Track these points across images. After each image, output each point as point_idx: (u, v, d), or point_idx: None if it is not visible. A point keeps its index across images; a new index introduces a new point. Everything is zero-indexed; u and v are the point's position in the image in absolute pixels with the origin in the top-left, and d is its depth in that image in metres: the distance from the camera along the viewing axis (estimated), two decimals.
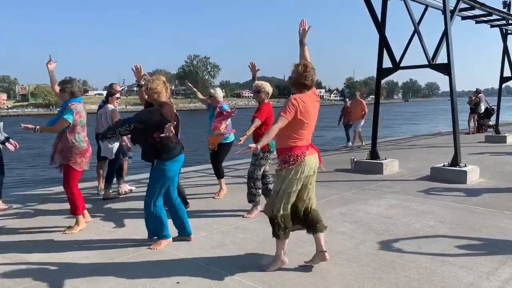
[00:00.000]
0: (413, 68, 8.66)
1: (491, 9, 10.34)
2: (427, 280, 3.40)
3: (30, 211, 5.70)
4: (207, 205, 5.90)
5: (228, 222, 5.05)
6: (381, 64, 8.64)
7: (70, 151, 4.64)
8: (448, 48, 7.63)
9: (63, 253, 4.08)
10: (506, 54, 13.82)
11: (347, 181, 7.47)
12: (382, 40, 8.43)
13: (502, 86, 14.61)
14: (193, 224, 4.88)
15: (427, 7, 8.95)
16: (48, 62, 5.29)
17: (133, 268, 3.71)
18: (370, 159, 8.47)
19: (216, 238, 4.47)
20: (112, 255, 4.03)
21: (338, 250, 4.05)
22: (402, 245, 4.21)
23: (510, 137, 13.21)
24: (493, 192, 6.43)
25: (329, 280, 3.43)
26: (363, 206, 5.72)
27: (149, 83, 4.17)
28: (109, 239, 4.50)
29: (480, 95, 15.99)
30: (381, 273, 3.55)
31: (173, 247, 4.21)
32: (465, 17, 10.78)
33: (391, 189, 6.76)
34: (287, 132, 3.39)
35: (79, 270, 3.70)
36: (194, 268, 3.71)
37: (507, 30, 13.54)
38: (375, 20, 8.34)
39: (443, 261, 3.78)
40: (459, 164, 7.47)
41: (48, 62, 5.29)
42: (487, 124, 16.15)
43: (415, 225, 4.84)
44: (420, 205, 5.74)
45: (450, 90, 7.73)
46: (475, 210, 5.47)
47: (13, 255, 4.05)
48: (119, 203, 6.08)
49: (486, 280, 3.39)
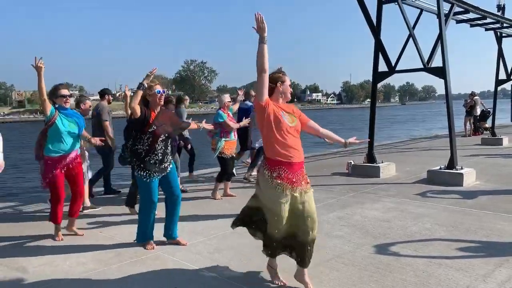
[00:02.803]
0: (409, 72, 8.71)
1: (485, 13, 10.43)
2: (424, 283, 3.41)
3: (28, 216, 5.68)
4: (205, 210, 5.90)
5: (225, 227, 5.04)
6: (376, 68, 8.69)
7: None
8: (443, 52, 7.68)
9: (59, 260, 4.07)
10: (501, 56, 13.92)
11: (344, 184, 7.48)
12: (378, 44, 8.47)
13: (498, 89, 14.71)
14: (190, 229, 4.89)
15: (422, 11, 9.02)
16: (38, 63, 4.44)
17: (130, 274, 3.70)
18: (367, 162, 8.49)
19: (213, 243, 4.47)
20: (109, 261, 4.02)
21: (335, 254, 4.06)
22: (399, 248, 4.22)
23: (506, 139, 13.27)
24: (490, 195, 6.45)
25: (326, 284, 3.43)
26: (360, 209, 5.73)
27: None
28: (105, 244, 4.49)
29: (476, 98, 16.07)
30: (378, 276, 3.56)
31: (170, 253, 4.21)
32: (460, 21, 10.86)
33: (388, 192, 6.77)
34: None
35: (76, 276, 3.69)
36: (191, 273, 3.71)
37: (502, 33, 13.65)
38: (370, 24, 8.39)
39: (439, 263, 3.79)
40: (455, 166, 7.50)
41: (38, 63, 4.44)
42: (484, 127, 16.21)
43: (411, 228, 4.86)
44: (416, 208, 5.75)
45: (446, 93, 7.78)
46: (472, 212, 5.49)
47: (10, 261, 4.04)
48: (115, 209, 6.06)
49: (482, 282, 3.41)
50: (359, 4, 8.20)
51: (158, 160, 4.22)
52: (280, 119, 3.20)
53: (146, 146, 4.18)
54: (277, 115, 3.21)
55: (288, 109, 3.35)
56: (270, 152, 3.23)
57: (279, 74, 3.34)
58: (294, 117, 3.33)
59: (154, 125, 4.16)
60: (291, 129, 3.23)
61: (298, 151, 3.25)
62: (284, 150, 3.19)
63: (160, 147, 4.22)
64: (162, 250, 4.29)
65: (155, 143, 4.17)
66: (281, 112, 3.25)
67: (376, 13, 8.55)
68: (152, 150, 4.18)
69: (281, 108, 3.30)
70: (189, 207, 5.89)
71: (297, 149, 3.25)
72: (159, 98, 4.21)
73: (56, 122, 4.52)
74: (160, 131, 4.19)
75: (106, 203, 6.41)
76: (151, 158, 4.18)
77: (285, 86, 3.34)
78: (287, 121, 3.24)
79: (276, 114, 3.21)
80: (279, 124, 3.19)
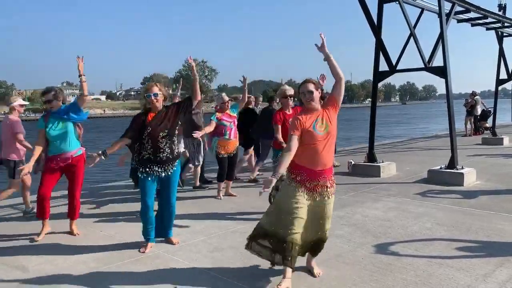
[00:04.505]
0: (410, 71, 8.70)
1: (487, 12, 10.42)
2: (425, 283, 3.40)
3: (28, 215, 5.68)
4: (205, 209, 5.90)
5: (226, 226, 5.05)
6: (377, 67, 8.68)
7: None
8: (444, 51, 7.67)
9: (59, 259, 4.07)
10: (502, 56, 13.90)
11: (345, 184, 7.47)
12: (379, 43, 8.46)
13: (499, 88, 14.69)
14: (191, 229, 4.89)
15: (423, 10, 9.00)
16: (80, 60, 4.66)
17: (131, 273, 3.71)
18: (367, 162, 8.48)
19: (214, 242, 4.47)
20: (109, 260, 4.02)
21: (336, 253, 4.05)
22: (399, 247, 4.21)
23: (506, 139, 13.25)
24: (490, 194, 6.44)
25: (326, 283, 3.43)
26: (361, 209, 5.73)
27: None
28: (106, 244, 4.49)
29: (476, 98, 16.05)
30: (378, 276, 3.55)
31: (171, 252, 4.21)
32: (461, 20, 10.84)
33: (389, 191, 6.77)
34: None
35: (76, 275, 3.69)
36: (191, 272, 3.71)
37: (503, 32, 13.63)
38: (371, 23, 8.38)
39: (440, 263, 3.79)
40: (456, 166, 7.49)
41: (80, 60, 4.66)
42: (484, 126, 16.19)
43: (412, 228, 4.85)
44: (417, 207, 5.75)
45: (447, 93, 7.77)
46: (472, 212, 5.49)
47: (10, 260, 4.04)
48: (116, 208, 6.06)
49: (483, 282, 3.40)
50: (360, 3, 8.18)
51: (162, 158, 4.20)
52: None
53: (150, 149, 4.17)
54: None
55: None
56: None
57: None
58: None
59: (149, 126, 4.14)
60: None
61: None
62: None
63: (164, 143, 4.19)
64: (162, 249, 4.29)
65: (157, 142, 4.16)
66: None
67: (377, 12, 8.53)
68: (156, 149, 4.17)
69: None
70: (190, 206, 5.89)
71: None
72: (150, 101, 4.21)
73: (46, 130, 4.65)
74: (157, 131, 4.17)
75: (106, 203, 6.42)
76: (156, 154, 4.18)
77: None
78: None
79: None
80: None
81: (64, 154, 4.70)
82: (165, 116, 4.21)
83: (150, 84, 4.29)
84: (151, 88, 4.21)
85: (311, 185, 3.31)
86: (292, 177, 3.34)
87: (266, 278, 3.53)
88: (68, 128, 4.71)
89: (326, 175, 3.36)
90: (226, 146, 6.43)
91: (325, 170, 3.35)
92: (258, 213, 5.54)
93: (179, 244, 4.42)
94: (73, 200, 4.86)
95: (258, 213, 5.53)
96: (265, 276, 3.58)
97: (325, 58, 3.32)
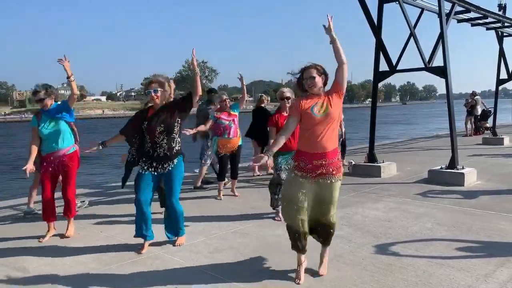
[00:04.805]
0: (410, 71, 8.69)
1: (487, 12, 10.41)
2: (425, 283, 3.40)
3: (28, 216, 5.67)
4: (206, 210, 5.89)
5: (227, 227, 5.04)
6: (377, 67, 8.67)
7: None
8: (444, 51, 7.66)
9: (60, 259, 4.07)
10: (502, 56, 13.89)
11: (345, 184, 7.43)
12: (379, 43, 8.45)
13: (499, 88, 14.68)
14: (191, 229, 4.88)
15: (423, 10, 8.99)
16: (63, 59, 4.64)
17: (131, 274, 3.70)
18: (368, 162, 8.48)
19: (214, 243, 4.46)
20: (109, 261, 4.02)
21: (336, 254, 4.05)
22: (400, 248, 4.21)
23: (507, 139, 13.24)
24: (491, 194, 6.43)
25: (327, 284, 3.43)
26: (361, 209, 5.72)
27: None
28: (106, 245, 4.48)
29: (477, 98, 16.04)
30: (379, 276, 3.55)
31: (171, 253, 4.20)
32: (461, 20, 10.83)
33: (389, 192, 6.76)
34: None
35: (77, 276, 3.69)
36: (191, 273, 3.70)
37: (503, 32, 13.62)
38: (371, 24, 8.37)
39: (441, 263, 3.78)
40: (456, 166, 7.48)
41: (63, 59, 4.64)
42: (485, 126, 16.19)
43: (413, 228, 4.85)
44: (417, 208, 5.74)
45: (447, 93, 7.76)
46: (473, 212, 5.48)
47: (10, 261, 4.04)
48: (116, 209, 6.06)
49: (483, 283, 3.39)
50: (360, 3, 8.18)
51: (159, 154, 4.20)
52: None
53: (148, 144, 4.20)
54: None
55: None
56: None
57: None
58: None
59: (147, 121, 4.18)
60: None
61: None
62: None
63: (161, 139, 4.19)
64: (162, 250, 4.29)
65: (154, 137, 4.17)
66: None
67: (377, 12, 8.53)
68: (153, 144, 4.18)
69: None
70: (190, 207, 5.88)
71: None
72: (151, 97, 4.22)
73: (39, 129, 4.70)
74: (154, 126, 4.18)
75: (106, 204, 6.42)
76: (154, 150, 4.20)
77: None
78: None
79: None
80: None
81: (57, 152, 4.74)
82: (164, 112, 4.22)
83: (150, 80, 4.32)
84: (151, 85, 4.24)
85: (313, 170, 3.30)
86: (295, 164, 3.39)
87: (266, 278, 3.52)
88: (60, 126, 4.75)
89: (327, 158, 3.29)
90: (226, 145, 6.43)
91: (326, 153, 3.28)
92: (258, 213, 5.55)
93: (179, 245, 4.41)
94: (67, 197, 4.84)
95: (258, 214, 5.54)
96: (265, 276, 3.57)
97: (331, 41, 3.27)
